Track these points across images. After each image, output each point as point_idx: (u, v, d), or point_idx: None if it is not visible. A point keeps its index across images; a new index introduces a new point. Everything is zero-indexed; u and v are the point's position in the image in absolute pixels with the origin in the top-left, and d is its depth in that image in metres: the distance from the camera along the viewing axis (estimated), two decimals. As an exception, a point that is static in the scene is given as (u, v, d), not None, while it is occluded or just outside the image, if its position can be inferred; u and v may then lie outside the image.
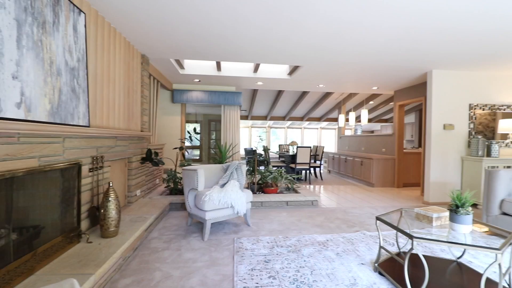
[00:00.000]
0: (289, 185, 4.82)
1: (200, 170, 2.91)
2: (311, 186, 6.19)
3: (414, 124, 9.84)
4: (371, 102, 9.43)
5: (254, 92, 8.54)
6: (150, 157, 3.64)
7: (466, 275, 2.04)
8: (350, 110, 9.47)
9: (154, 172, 4.56)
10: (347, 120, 8.84)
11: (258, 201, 4.07)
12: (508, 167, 4.35)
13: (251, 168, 4.82)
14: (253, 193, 4.46)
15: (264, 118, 11.66)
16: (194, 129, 4.57)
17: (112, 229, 2.36)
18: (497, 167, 4.31)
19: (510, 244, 1.86)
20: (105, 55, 2.83)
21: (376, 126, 13.26)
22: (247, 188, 4.69)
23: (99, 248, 2.13)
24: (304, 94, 8.72)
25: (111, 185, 2.43)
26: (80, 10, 2.33)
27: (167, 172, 4.29)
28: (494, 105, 4.75)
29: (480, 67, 4.40)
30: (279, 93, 8.65)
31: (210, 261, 2.34)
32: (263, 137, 13.60)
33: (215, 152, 4.78)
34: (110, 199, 2.37)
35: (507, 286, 1.90)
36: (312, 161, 7.22)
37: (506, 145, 4.76)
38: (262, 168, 5.94)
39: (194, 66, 5.03)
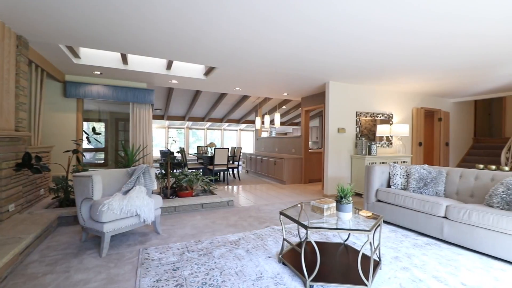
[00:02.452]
0: (206, 187, 4.75)
1: (96, 176, 2.52)
2: (229, 187, 6.27)
3: (318, 127, 11.26)
4: (284, 107, 10.28)
5: (170, 90, 8.08)
6: (29, 163, 2.94)
7: (350, 254, 2.42)
8: (266, 114, 10.06)
9: (37, 181, 3.72)
10: (263, 122, 9.37)
11: (171, 206, 3.84)
12: (383, 163, 5.44)
13: (163, 171, 4.53)
14: (166, 198, 4.20)
15: (182, 118, 11.19)
16: (93, 129, 3.94)
17: (-39, 258, 1.80)
18: (375, 163, 5.33)
19: (379, 225, 2.31)
20: (-48, 29, 2.14)
21: (289, 129, 14.57)
22: (159, 193, 4.38)
23: None
24: (222, 95, 8.78)
25: (-40, 200, 1.85)
26: None
27: (56, 180, 3.57)
28: (374, 113, 5.87)
29: (363, 82, 5.38)
30: (197, 93, 8.45)
31: (107, 279, 2.05)
32: (176, 139, 12.97)
33: (123, 155, 4.26)
34: (-43, 219, 1.80)
35: (377, 259, 2.35)
36: (230, 162, 7.34)
37: (382, 145, 5.95)
38: (178, 171, 5.66)
39: (93, 56, 4.32)
